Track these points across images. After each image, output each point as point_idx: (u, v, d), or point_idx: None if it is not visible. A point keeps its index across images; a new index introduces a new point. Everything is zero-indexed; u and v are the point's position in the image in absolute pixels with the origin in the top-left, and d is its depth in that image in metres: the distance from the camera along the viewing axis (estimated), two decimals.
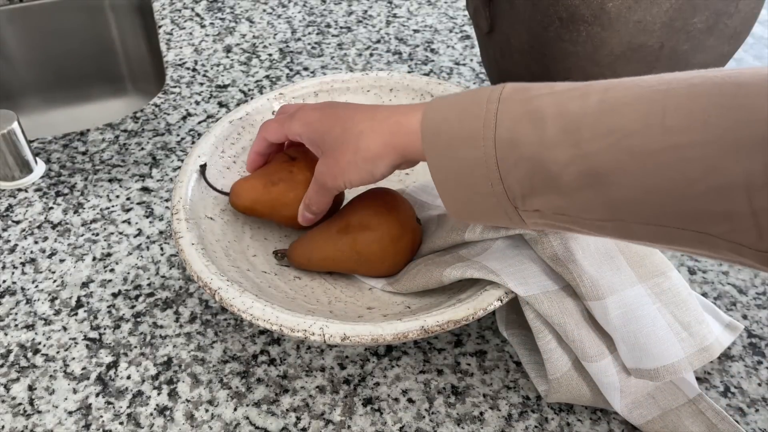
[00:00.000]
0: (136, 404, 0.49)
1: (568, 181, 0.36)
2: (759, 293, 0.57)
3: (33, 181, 0.67)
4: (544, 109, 0.37)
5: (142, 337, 0.54)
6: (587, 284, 0.45)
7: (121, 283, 0.58)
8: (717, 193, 0.31)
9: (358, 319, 0.48)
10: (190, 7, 0.95)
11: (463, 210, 0.42)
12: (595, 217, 0.36)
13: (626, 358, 0.45)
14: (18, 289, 0.57)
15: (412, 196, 0.59)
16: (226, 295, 0.45)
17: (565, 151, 0.35)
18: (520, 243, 0.48)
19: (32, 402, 0.49)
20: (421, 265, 0.51)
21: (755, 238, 0.31)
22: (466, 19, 0.92)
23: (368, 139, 0.44)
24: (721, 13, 0.51)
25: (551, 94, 0.38)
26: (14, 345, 0.53)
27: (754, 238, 0.31)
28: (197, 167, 0.55)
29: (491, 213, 0.40)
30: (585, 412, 0.49)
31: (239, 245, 0.54)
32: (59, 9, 0.97)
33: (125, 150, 0.71)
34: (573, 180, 0.36)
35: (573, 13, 0.52)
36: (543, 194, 0.37)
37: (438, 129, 0.40)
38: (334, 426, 0.48)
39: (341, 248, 0.52)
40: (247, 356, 0.52)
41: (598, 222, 0.37)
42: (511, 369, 0.52)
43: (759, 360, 0.52)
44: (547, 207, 0.38)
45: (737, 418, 0.49)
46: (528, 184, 0.37)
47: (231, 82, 0.80)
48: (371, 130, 0.45)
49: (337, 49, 0.86)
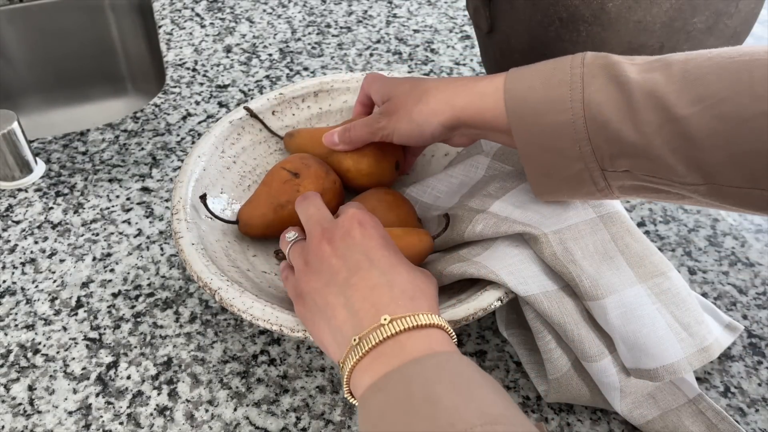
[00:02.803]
0: (136, 404, 0.49)
1: (659, 145, 0.37)
2: (759, 293, 0.57)
3: (33, 181, 0.67)
4: (629, 75, 0.38)
5: (142, 337, 0.54)
6: (587, 284, 0.45)
7: (121, 283, 0.58)
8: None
9: None
10: (190, 7, 0.95)
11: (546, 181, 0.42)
12: (688, 181, 0.38)
13: (626, 358, 0.45)
14: (18, 289, 0.57)
15: (412, 197, 0.59)
16: (226, 295, 0.45)
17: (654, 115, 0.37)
18: (520, 243, 0.48)
19: (32, 402, 0.49)
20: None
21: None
22: (466, 19, 0.92)
23: (430, 95, 0.45)
24: (721, 13, 0.51)
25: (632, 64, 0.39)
26: (14, 345, 0.53)
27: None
28: (198, 198, 0.54)
29: (576, 180, 0.41)
30: (585, 412, 0.49)
31: (239, 245, 0.54)
32: (59, 9, 0.97)
33: (125, 150, 0.71)
34: (664, 144, 0.37)
35: (573, 13, 0.52)
36: (633, 157, 0.38)
37: (523, 96, 0.41)
38: (334, 426, 0.48)
39: None
40: (247, 356, 0.52)
41: (690, 186, 0.38)
42: (511, 369, 0.52)
43: (759, 360, 0.52)
44: (637, 168, 0.39)
45: (737, 418, 0.49)
46: (618, 146, 0.38)
47: (231, 82, 0.80)
48: (437, 88, 0.46)
49: (337, 49, 0.86)
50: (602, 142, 0.39)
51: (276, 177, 0.54)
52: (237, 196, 0.58)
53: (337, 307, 0.38)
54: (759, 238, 0.62)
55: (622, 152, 0.38)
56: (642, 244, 0.47)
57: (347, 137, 0.53)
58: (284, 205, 0.53)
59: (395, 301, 0.37)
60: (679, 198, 0.40)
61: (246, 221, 0.53)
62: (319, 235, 0.42)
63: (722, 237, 0.62)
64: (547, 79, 0.41)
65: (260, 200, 0.54)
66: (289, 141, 0.60)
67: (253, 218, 0.53)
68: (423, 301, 0.38)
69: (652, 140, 0.37)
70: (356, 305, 0.37)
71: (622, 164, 0.39)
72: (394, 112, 0.48)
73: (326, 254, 0.40)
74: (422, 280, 0.40)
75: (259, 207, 0.53)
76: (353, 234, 0.40)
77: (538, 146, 0.41)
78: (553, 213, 0.48)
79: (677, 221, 0.63)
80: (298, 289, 0.42)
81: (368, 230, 0.41)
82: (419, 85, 0.47)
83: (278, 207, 0.53)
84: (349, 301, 0.38)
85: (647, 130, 0.37)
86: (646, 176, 0.39)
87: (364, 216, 0.42)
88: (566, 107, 0.39)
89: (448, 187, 0.57)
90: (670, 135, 0.37)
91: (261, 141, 0.61)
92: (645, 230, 0.62)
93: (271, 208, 0.53)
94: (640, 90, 0.37)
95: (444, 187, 0.58)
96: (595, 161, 0.40)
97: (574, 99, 0.39)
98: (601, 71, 0.39)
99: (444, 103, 0.45)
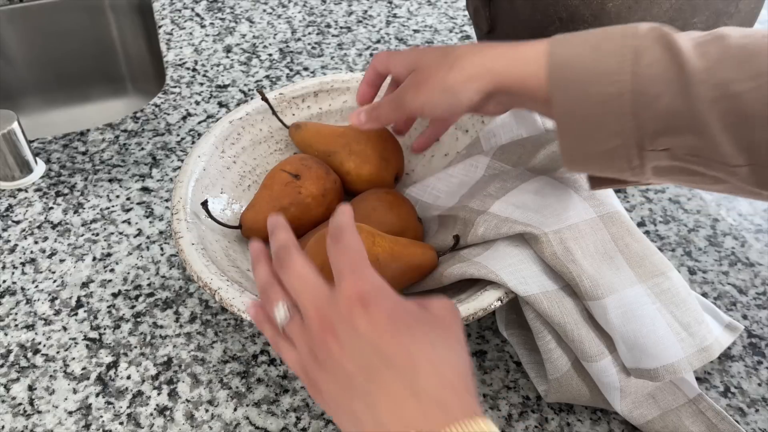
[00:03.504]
0: (136, 404, 0.49)
1: (710, 121, 0.36)
2: (759, 293, 0.57)
3: (33, 181, 0.67)
4: (684, 49, 0.37)
5: (142, 337, 0.54)
6: (587, 284, 0.45)
7: (121, 283, 0.58)
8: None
9: None
10: (190, 7, 0.95)
11: (579, 153, 0.40)
12: (731, 162, 0.37)
13: (626, 357, 0.45)
14: (18, 289, 0.57)
15: (412, 196, 0.59)
16: (226, 295, 0.45)
17: (710, 90, 0.36)
18: (521, 243, 0.48)
19: (32, 402, 0.49)
20: None
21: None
22: (466, 19, 0.92)
23: (466, 60, 0.42)
24: (721, 13, 0.51)
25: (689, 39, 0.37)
26: (14, 345, 0.53)
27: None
28: (198, 201, 0.53)
29: (610, 155, 0.39)
30: (585, 412, 0.49)
31: (239, 245, 0.54)
32: (59, 9, 0.97)
33: (125, 150, 0.71)
34: (716, 120, 0.36)
35: (573, 13, 0.52)
36: (678, 134, 0.37)
37: (567, 63, 0.39)
38: (334, 426, 0.48)
39: None
40: (247, 356, 0.52)
41: (731, 167, 0.37)
42: (511, 369, 0.52)
43: (759, 360, 0.52)
44: (679, 146, 0.37)
45: (737, 418, 0.49)
46: (663, 122, 0.37)
47: (231, 82, 0.80)
48: (472, 53, 0.43)
49: (337, 49, 0.86)
50: (648, 119, 0.37)
51: (277, 179, 0.54)
52: (237, 196, 0.58)
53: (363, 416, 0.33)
54: (759, 238, 0.62)
55: (668, 129, 0.37)
56: (642, 244, 0.47)
57: (374, 115, 0.49)
58: (287, 208, 0.53)
59: (425, 414, 0.32)
60: (714, 182, 0.39)
61: (249, 226, 0.53)
62: (318, 322, 0.35)
63: (722, 237, 0.62)
64: (595, 48, 0.39)
65: (262, 204, 0.53)
66: (295, 132, 0.60)
67: (256, 223, 0.53)
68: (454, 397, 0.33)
69: (704, 116, 0.36)
70: (384, 419, 0.33)
71: (663, 142, 0.38)
72: (423, 83, 0.44)
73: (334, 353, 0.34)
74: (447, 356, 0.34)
75: (261, 211, 0.53)
76: (357, 324, 0.34)
77: (578, 117, 0.39)
78: (553, 213, 0.48)
79: (677, 221, 0.63)
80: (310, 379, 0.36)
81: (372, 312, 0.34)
82: (450, 52, 0.44)
83: (281, 210, 0.53)
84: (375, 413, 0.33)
85: (701, 106, 0.36)
86: (687, 155, 0.38)
87: (363, 286, 0.35)
88: (614, 79, 0.38)
89: (448, 187, 0.57)
90: (724, 111, 0.35)
91: (261, 141, 0.61)
92: (645, 230, 0.62)
93: (273, 211, 0.53)
94: (695, 63, 0.36)
95: (444, 186, 0.58)
96: (635, 138, 0.38)
97: (623, 71, 0.37)
98: (654, 43, 0.37)
99: (482, 67, 0.42)
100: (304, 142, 0.59)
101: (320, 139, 0.58)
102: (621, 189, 0.66)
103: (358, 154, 0.56)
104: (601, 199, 0.49)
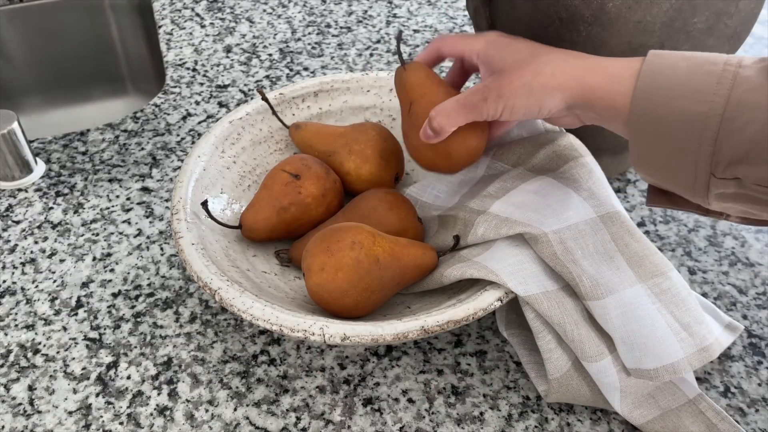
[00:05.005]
0: (136, 404, 0.49)
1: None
2: (759, 293, 0.57)
3: (33, 181, 0.67)
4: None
5: (142, 337, 0.54)
6: (587, 284, 0.45)
7: (121, 283, 0.58)
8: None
9: (357, 319, 0.48)
10: (190, 7, 0.95)
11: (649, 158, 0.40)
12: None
13: (626, 358, 0.45)
14: (18, 289, 0.57)
15: (412, 196, 0.59)
16: (226, 295, 0.45)
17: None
18: (521, 243, 0.48)
19: (32, 402, 0.49)
20: None
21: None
22: (466, 19, 0.92)
23: (556, 66, 0.41)
24: (721, 13, 0.51)
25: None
26: (14, 345, 0.53)
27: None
28: (197, 202, 0.53)
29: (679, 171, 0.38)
30: (585, 412, 0.49)
31: (239, 245, 0.54)
32: (59, 9, 0.97)
33: (125, 150, 0.71)
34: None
35: (573, 13, 0.52)
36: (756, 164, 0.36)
37: (661, 72, 0.38)
38: (334, 426, 0.48)
39: None
40: (247, 356, 0.52)
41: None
42: (511, 369, 0.52)
43: (759, 360, 0.52)
44: (751, 177, 0.36)
45: (737, 418, 0.49)
46: (744, 150, 0.36)
47: (231, 82, 0.80)
48: (564, 60, 0.42)
49: (337, 49, 0.86)
50: (728, 147, 0.36)
51: (277, 179, 0.54)
52: (237, 196, 0.58)
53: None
54: (759, 238, 0.62)
55: (748, 158, 0.36)
56: (642, 244, 0.47)
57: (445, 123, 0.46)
58: (287, 208, 0.53)
59: None
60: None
61: (250, 226, 0.53)
62: None
63: (722, 237, 0.62)
64: (694, 65, 0.38)
65: (262, 204, 0.54)
66: (295, 132, 0.60)
67: (256, 223, 0.53)
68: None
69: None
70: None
71: (737, 171, 0.37)
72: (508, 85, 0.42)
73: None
74: None
75: (261, 211, 0.53)
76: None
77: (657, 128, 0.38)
78: (553, 213, 0.48)
79: (677, 221, 0.63)
80: None
81: None
82: (540, 54, 0.42)
83: (281, 210, 0.53)
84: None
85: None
86: (757, 185, 0.37)
87: None
88: (707, 99, 0.36)
89: (448, 187, 0.57)
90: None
91: (261, 141, 0.61)
92: (645, 230, 0.62)
93: (273, 211, 0.53)
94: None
95: (444, 186, 0.58)
96: (708, 163, 0.37)
97: (718, 93, 0.36)
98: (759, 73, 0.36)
99: (573, 78, 0.41)
100: (304, 142, 0.59)
101: (320, 139, 0.58)
102: (643, 199, 0.66)
103: (358, 154, 0.56)
104: (601, 199, 0.49)
